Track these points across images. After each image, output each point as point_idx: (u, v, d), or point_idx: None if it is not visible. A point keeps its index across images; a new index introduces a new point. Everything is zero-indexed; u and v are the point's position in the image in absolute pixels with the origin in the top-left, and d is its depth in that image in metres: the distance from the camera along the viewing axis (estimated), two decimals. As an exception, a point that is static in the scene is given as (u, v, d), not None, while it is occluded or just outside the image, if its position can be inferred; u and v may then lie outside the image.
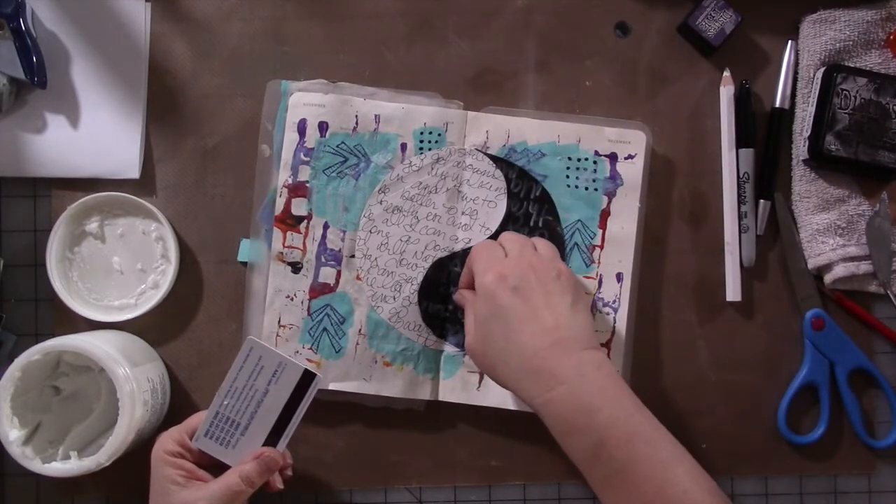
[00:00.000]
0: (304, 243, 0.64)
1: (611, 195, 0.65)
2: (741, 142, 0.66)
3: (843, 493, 0.67)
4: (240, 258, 0.65)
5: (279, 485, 0.58)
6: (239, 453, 0.57)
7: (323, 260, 0.64)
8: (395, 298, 0.64)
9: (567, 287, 0.56)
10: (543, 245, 0.60)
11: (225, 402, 0.57)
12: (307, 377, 0.57)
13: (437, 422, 0.66)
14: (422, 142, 0.65)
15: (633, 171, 0.65)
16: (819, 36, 0.66)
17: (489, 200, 0.65)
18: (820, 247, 0.65)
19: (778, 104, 0.67)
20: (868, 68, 0.65)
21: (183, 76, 0.66)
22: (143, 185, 0.66)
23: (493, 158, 0.65)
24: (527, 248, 0.58)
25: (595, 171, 0.65)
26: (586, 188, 0.65)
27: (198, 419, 0.58)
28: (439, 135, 0.65)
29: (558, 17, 0.67)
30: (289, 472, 0.60)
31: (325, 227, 0.64)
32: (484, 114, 0.65)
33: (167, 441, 0.57)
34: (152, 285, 0.65)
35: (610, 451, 0.51)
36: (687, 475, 0.50)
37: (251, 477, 0.56)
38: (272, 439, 0.57)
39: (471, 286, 0.59)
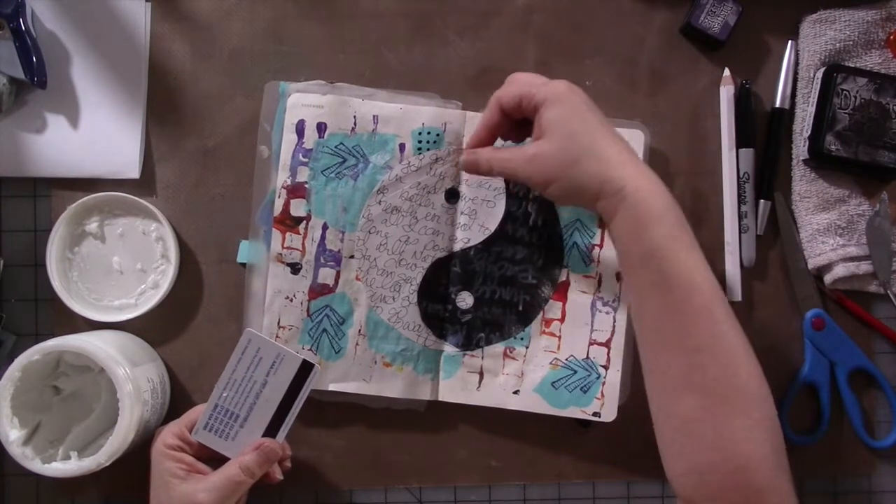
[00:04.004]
0: (303, 244, 0.64)
1: (610, 195, 0.65)
2: (741, 142, 0.66)
3: (843, 493, 0.67)
4: (239, 259, 0.65)
5: (279, 476, 0.59)
6: (238, 445, 0.57)
7: (322, 261, 0.64)
8: (394, 299, 0.64)
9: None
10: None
11: (224, 395, 0.57)
12: (305, 367, 0.57)
13: (437, 422, 0.66)
14: (420, 142, 0.64)
15: (632, 171, 0.65)
16: (819, 36, 0.66)
17: (488, 200, 0.65)
18: (820, 247, 0.65)
19: (778, 104, 0.67)
20: (868, 68, 0.65)
21: (183, 76, 0.66)
22: (143, 185, 0.66)
23: (493, 158, 0.65)
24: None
25: (595, 171, 0.65)
26: (586, 188, 0.65)
27: (197, 413, 0.58)
28: (437, 135, 0.64)
29: (558, 17, 0.67)
30: (288, 464, 0.60)
31: (324, 227, 0.64)
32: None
33: (167, 435, 0.57)
34: (152, 285, 0.65)
35: (658, 262, 0.51)
36: (722, 309, 0.51)
37: (251, 467, 0.56)
38: (271, 430, 0.58)
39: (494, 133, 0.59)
